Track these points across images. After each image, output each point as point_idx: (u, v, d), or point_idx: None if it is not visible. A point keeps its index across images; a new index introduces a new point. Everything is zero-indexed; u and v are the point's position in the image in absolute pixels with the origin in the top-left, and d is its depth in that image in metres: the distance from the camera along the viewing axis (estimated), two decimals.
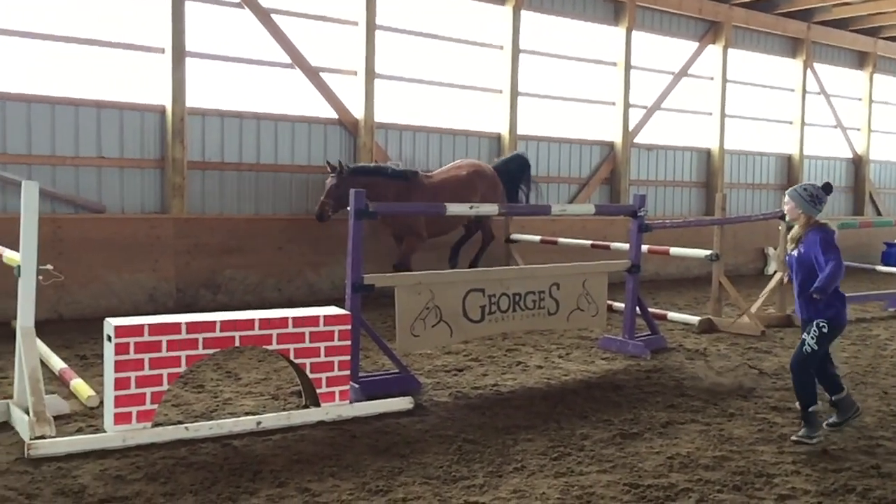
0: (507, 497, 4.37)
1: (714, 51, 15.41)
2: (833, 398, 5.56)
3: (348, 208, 6.23)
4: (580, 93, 13.75)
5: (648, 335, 8.25)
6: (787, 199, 5.43)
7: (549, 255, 11.22)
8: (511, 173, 11.47)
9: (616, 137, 14.14)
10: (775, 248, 10.82)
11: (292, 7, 10.61)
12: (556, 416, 5.84)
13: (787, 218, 5.52)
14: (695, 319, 9.37)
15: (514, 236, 11.85)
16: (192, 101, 9.82)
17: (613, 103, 14.08)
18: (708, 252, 9.34)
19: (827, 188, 5.39)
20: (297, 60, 10.62)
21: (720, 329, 9.26)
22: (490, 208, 7.81)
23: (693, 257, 10.34)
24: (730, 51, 15.49)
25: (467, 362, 7.46)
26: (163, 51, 9.64)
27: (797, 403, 5.50)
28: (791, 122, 17.11)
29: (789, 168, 17.22)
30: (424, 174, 10.64)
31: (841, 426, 5.52)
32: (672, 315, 9.54)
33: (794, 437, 5.35)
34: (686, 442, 5.34)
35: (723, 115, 15.60)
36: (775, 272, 10.18)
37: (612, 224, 13.04)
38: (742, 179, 16.35)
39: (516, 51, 12.59)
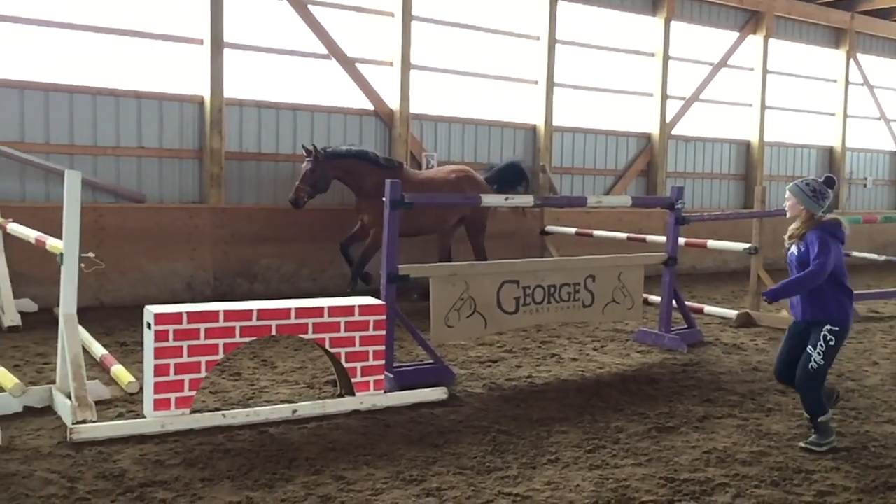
0: (542, 488, 4.36)
1: (755, 41, 15.16)
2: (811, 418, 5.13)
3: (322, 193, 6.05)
4: (617, 84, 13.62)
5: (685, 329, 8.17)
6: (787, 194, 5.13)
7: (584, 248, 11.16)
8: (506, 181, 10.96)
9: (653, 129, 13.99)
10: None
11: None
12: (591, 409, 5.81)
13: (788, 215, 5.16)
14: (732, 313, 9.26)
15: (549, 228, 11.81)
16: (229, 91, 9.91)
17: (651, 94, 13.93)
18: (746, 245, 9.22)
19: (829, 182, 5.10)
20: (334, 51, 10.66)
21: (758, 323, 9.14)
22: (525, 199, 7.77)
23: (731, 250, 10.21)
24: (771, 41, 15.23)
25: (501, 354, 7.46)
26: (201, 42, 9.73)
27: (805, 415, 5.22)
28: (833, 114, 16.78)
29: (831, 160, 16.90)
30: (411, 169, 10.23)
31: (822, 448, 5.02)
32: (709, 309, 9.43)
33: (802, 444, 5.09)
34: (723, 437, 5.28)
35: (763, 107, 15.35)
36: None
37: (649, 216, 12.91)
38: (782, 172, 16.08)
39: (553, 41, 12.50)
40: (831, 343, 4.95)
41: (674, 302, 8.14)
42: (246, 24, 10.11)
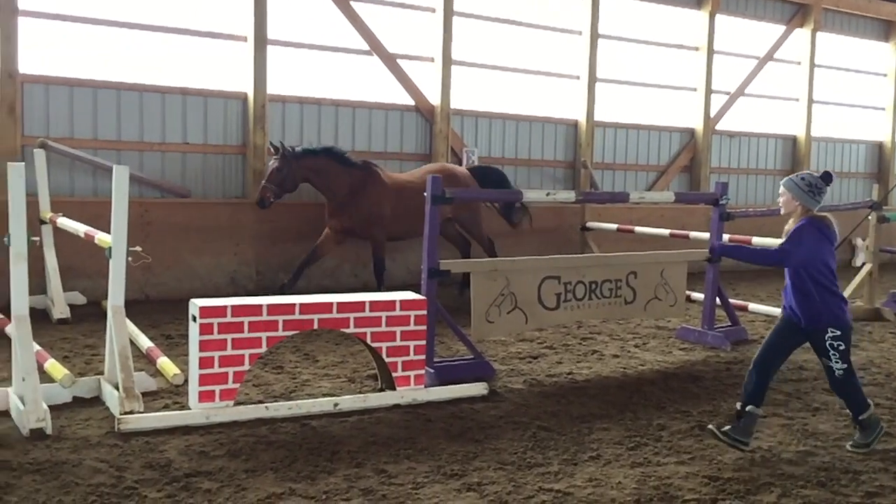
0: (583, 485, 4.34)
1: (802, 34, 14.88)
2: (745, 408, 4.83)
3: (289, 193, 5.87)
4: (660, 78, 13.46)
5: (728, 326, 8.06)
6: (781, 189, 4.87)
7: (625, 244, 11.07)
8: (490, 185, 10.22)
9: (697, 124, 13.81)
10: (864, 239, 10.40)
11: None
12: (633, 406, 5.77)
13: (783, 211, 4.90)
14: (777, 311, 9.07)
15: (590, 224, 11.74)
16: (272, 88, 10.00)
17: (695, 89, 13.75)
18: None
19: (826, 177, 4.84)
20: (375, 47, 10.70)
21: None
22: (567, 195, 7.72)
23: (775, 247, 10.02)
24: (818, 34, 14.93)
25: (542, 350, 7.43)
26: (245, 39, 9.84)
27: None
28: (883, 109, 16.41)
29: (880, 156, 16.54)
30: (384, 171, 9.70)
31: (728, 439, 4.76)
32: (753, 306, 9.27)
33: (849, 446, 4.95)
34: (768, 436, 5.20)
35: (810, 101, 15.07)
36: (864, 263, 9.80)
37: (692, 213, 12.76)
38: (829, 167, 15.76)
39: (595, 36, 12.40)
40: (841, 348, 4.78)
41: (717, 299, 8.04)
42: (289, 20, 10.20)
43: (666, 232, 10.05)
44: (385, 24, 10.79)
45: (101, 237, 5.56)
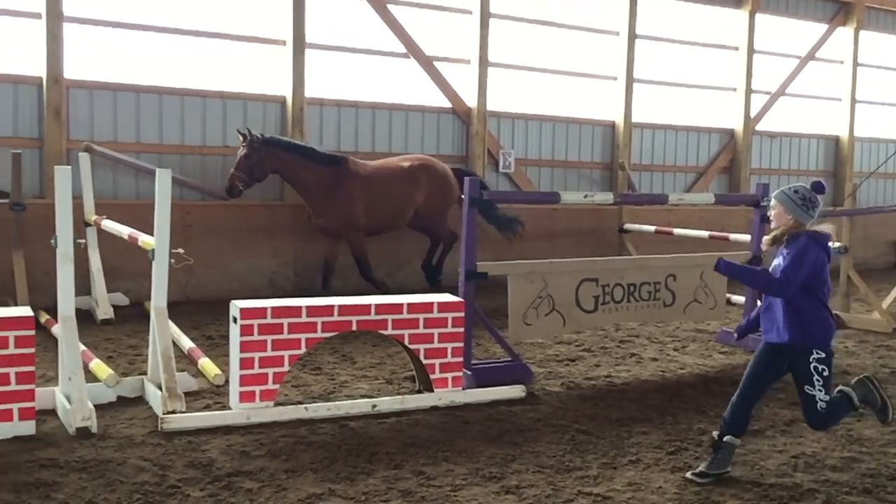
0: (622, 489, 4.31)
1: (844, 33, 14.62)
2: (724, 438, 4.49)
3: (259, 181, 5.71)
4: (699, 79, 13.32)
5: None
6: (773, 202, 4.57)
7: (663, 246, 10.95)
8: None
9: (736, 125, 13.64)
10: None
11: None
12: (672, 410, 5.71)
13: (773, 224, 4.59)
14: None
15: (627, 226, 11.65)
16: (310, 91, 10.09)
17: (734, 89, 13.58)
18: (836, 244, 8.88)
19: (818, 188, 4.52)
20: (412, 50, 10.74)
21: (848, 325, 8.82)
22: (604, 197, 7.67)
23: None
24: (861, 32, 14.66)
25: (579, 352, 7.39)
26: (284, 43, 9.94)
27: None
28: None
29: None
30: (358, 161, 9.48)
31: (708, 478, 4.45)
32: None
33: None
34: (811, 441, 5.12)
35: (853, 101, 14.80)
36: None
37: (732, 214, 12.59)
38: (873, 168, 15.46)
39: (632, 36, 12.32)
40: (825, 373, 4.45)
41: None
42: (327, 24, 10.27)
43: (705, 234, 9.93)
44: (422, 27, 10.83)
45: (145, 239, 5.64)
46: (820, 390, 4.45)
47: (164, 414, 5.06)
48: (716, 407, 5.79)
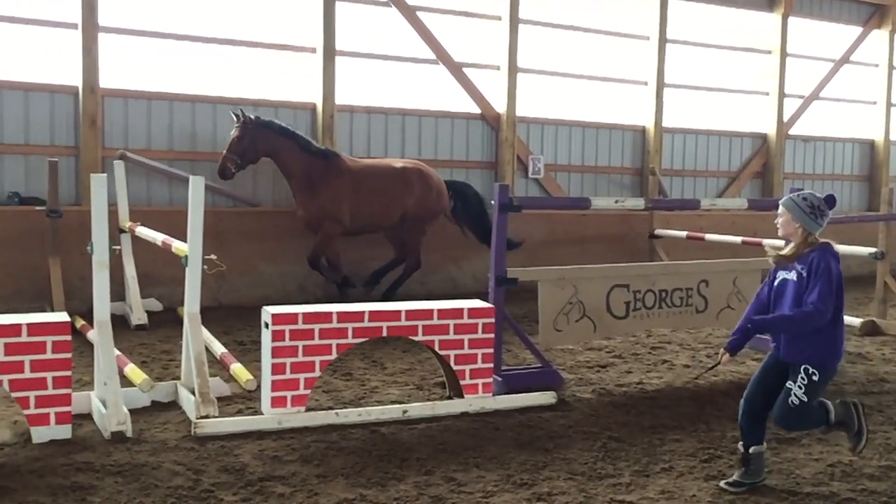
0: (655, 497, 4.27)
1: (880, 35, 14.42)
2: (749, 450, 4.40)
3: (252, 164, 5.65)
4: (730, 83, 13.21)
5: None
6: (780, 209, 4.39)
7: (694, 252, 10.83)
8: (466, 200, 9.92)
9: (769, 129, 13.50)
10: None
11: (437, 4, 10.76)
12: (706, 418, 5.65)
13: (781, 233, 4.43)
14: (857, 321, 8.81)
15: (658, 231, 11.57)
16: (340, 98, 10.16)
17: (767, 93, 13.44)
18: (872, 250, 8.76)
19: (830, 201, 4.37)
20: (441, 56, 10.77)
21: (885, 332, 8.67)
22: (636, 202, 7.63)
23: (854, 255, 9.72)
24: None
25: (610, 359, 7.34)
26: (314, 50, 10.02)
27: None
28: None
29: None
30: (350, 158, 9.39)
31: (742, 487, 4.38)
32: None
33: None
34: (848, 450, 5.02)
35: (888, 104, 14.59)
36: None
37: (764, 220, 12.37)
38: None
39: (663, 41, 12.25)
40: (814, 378, 4.25)
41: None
42: (357, 31, 10.34)
43: (738, 239, 9.82)
44: (451, 33, 10.86)
45: (178, 246, 5.70)
46: (800, 388, 4.27)
47: (197, 418, 5.11)
48: None
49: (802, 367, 4.27)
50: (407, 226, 9.49)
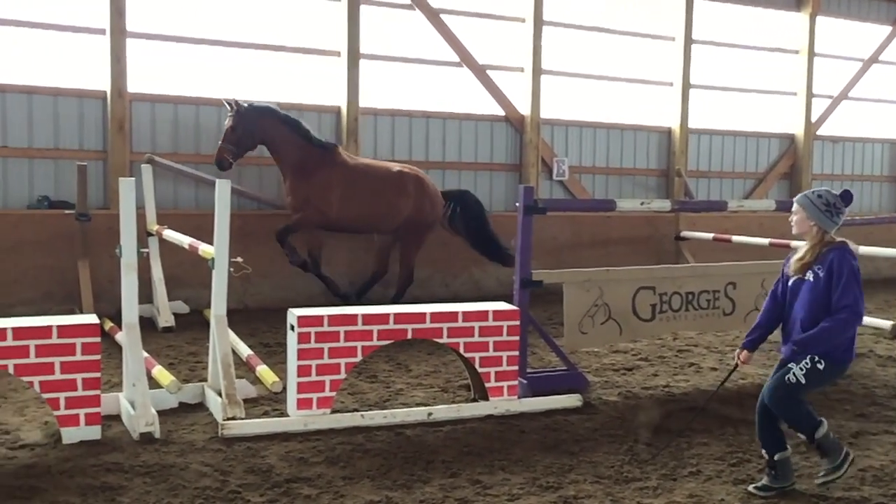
0: (683, 501, 4.23)
1: None
2: (774, 457, 4.35)
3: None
4: (757, 83, 13.08)
5: None
6: (795, 206, 4.32)
7: (721, 254, 10.75)
8: (466, 208, 9.65)
9: (797, 129, 13.35)
10: None
11: (461, 6, 10.76)
12: (734, 422, 5.59)
13: (795, 231, 4.36)
14: (887, 324, 8.69)
15: (685, 233, 11.48)
16: (364, 101, 10.19)
17: (794, 93, 13.30)
18: None
19: (846, 197, 4.28)
20: (465, 59, 10.77)
21: None
22: (662, 204, 7.57)
23: (885, 257, 9.60)
24: None
25: (636, 362, 7.30)
26: (339, 54, 10.06)
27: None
28: None
29: None
30: (347, 154, 9.18)
31: (771, 492, 4.32)
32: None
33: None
34: (879, 454, 4.96)
35: None
36: None
37: None
38: None
39: (689, 41, 12.16)
40: (819, 367, 4.18)
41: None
42: (381, 34, 10.37)
43: (765, 241, 9.73)
44: (475, 36, 10.85)
45: (205, 248, 5.75)
46: (801, 369, 4.18)
47: (224, 420, 5.14)
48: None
49: (809, 355, 4.21)
50: (403, 237, 9.27)
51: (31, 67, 8.84)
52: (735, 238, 10.27)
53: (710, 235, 10.82)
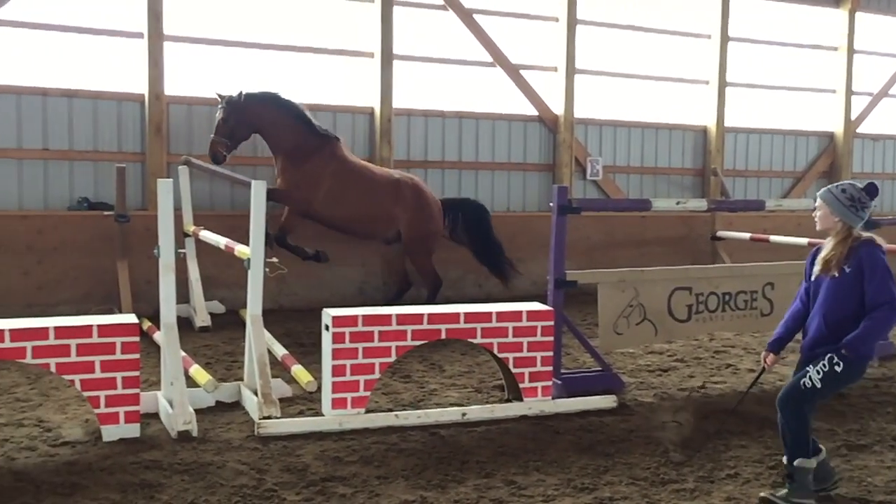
0: None
1: None
2: (794, 463, 4.22)
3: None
4: (795, 81, 12.89)
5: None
6: (818, 202, 4.17)
7: (758, 254, 10.62)
8: (466, 215, 9.46)
9: (836, 127, 13.14)
10: None
11: (494, 6, 10.75)
12: (772, 424, 5.43)
13: (819, 227, 4.21)
14: None
15: (721, 233, 11.36)
16: (398, 101, 10.22)
17: (833, 91, 13.09)
18: None
19: (871, 190, 4.13)
20: (498, 59, 10.75)
21: None
22: (698, 203, 7.50)
23: None
24: None
25: (672, 363, 7.23)
26: (372, 55, 10.10)
27: (783, 457, 4.28)
28: None
29: None
30: (348, 151, 8.99)
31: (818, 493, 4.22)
32: None
33: (763, 494, 4.20)
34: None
35: None
36: None
37: None
38: None
39: (725, 39, 12.02)
40: (837, 368, 4.03)
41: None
42: (413, 35, 10.39)
43: (804, 241, 9.57)
44: (508, 36, 10.83)
45: (241, 249, 5.80)
46: (818, 373, 4.05)
47: (260, 419, 5.19)
48: (819, 420, 5.54)
49: (829, 355, 4.08)
50: (408, 249, 9.12)
51: (71, 71, 9.00)
52: (773, 238, 10.13)
53: (747, 235, 10.68)
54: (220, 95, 8.56)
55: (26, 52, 8.86)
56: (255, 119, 8.51)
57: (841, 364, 4.04)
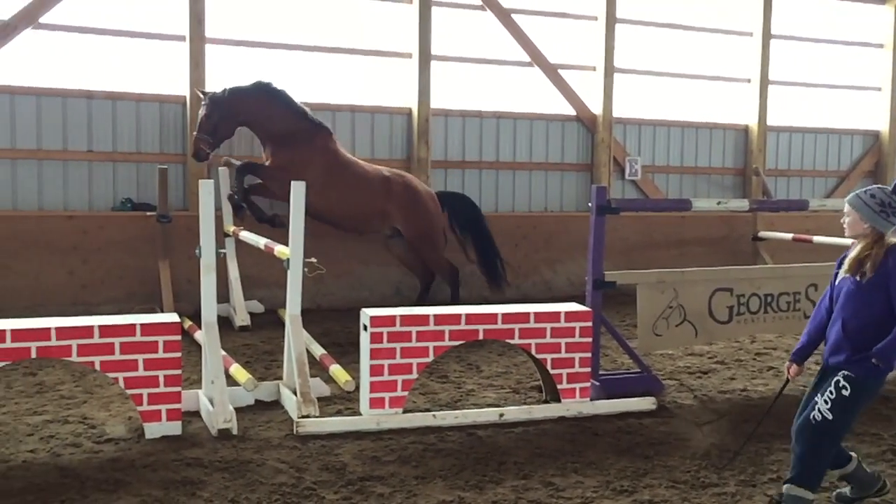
0: None
1: None
2: (841, 473, 4.17)
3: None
4: (839, 79, 12.65)
5: None
6: (846, 208, 4.05)
7: (800, 255, 10.45)
8: (459, 212, 9.35)
9: (882, 126, 12.86)
10: None
11: (532, 6, 10.71)
12: None
13: (848, 233, 4.08)
14: None
15: (763, 234, 11.19)
16: (435, 102, 10.23)
17: (879, 89, 12.81)
18: None
19: None
20: (536, 58, 10.71)
21: None
22: (739, 203, 7.39)
23: None
24: None
25: (712, 365, 7.14)
26: (410, 56, 10.12)
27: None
28: None
29: None
30: (339, 144, 8.87)
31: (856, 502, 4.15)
32: None
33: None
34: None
35: None
36: None
37: None
38: None
39: (767, 36, 11.84)
40: (844, 392, 3.85)
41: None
42: (451, 35, 10.40)
43: (848, 241, 9.37)
44: (546, 35, 10.79)
45: (280, 249, 5.86)
46: (825, 402, 3.88)
47: (299, 418, 5.23)
48: (864, 424, 5.45)
49: (835, 379, 3.93)
50: (414, 247, 9.07)
51: (114, 74, 9.16)
52: (816, 238, 9.95)
53: (790, 236, 10.51)
54: (202, 93, 8.50)
55: (72, 56, 9.04)
56: (241, 112, 8.32)
57: (848, 387, 3.88)
